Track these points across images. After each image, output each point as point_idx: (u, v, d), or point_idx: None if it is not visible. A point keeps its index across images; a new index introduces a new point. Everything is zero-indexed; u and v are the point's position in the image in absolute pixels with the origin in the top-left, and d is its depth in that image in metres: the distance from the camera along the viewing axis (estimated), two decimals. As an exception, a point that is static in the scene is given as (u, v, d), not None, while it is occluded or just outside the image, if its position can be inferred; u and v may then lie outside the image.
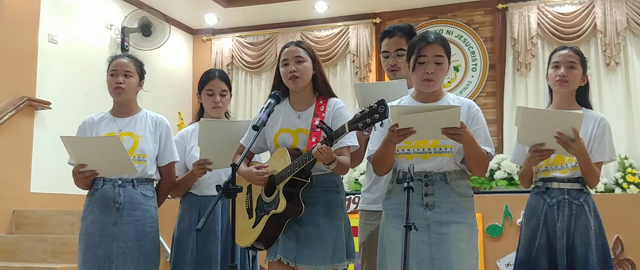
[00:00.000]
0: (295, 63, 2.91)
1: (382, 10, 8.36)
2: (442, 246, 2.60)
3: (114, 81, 3.26)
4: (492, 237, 4.49)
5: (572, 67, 3.00)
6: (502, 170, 7.24)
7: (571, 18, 7.59)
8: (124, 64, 3.29)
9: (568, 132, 2.73)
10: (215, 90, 3.45)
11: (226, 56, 9.04)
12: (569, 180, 2.92)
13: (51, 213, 5.83)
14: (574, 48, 3.11)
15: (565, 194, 2.91)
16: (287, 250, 2.82)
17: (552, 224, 2.90)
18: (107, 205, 3.16)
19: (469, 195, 2.75)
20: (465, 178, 2.75)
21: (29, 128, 6.17)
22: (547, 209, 2.92)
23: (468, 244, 2.64)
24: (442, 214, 2.65)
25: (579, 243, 2.85)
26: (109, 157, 3.05)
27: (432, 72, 2.70)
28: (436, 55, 2.70)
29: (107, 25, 7.51)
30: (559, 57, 3.04)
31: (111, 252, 3.12)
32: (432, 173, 2.69)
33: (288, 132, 2.93)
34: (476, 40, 8.07)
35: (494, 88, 7.95)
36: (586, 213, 2.88)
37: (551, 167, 2.96)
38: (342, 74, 8.50)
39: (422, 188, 2.68)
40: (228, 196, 2.62)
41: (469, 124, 2.72)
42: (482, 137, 2.73)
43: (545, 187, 2.96)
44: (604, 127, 2.97)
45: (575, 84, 3.02)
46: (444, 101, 2.79)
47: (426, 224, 2.65)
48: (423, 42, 2.72)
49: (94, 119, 3.34)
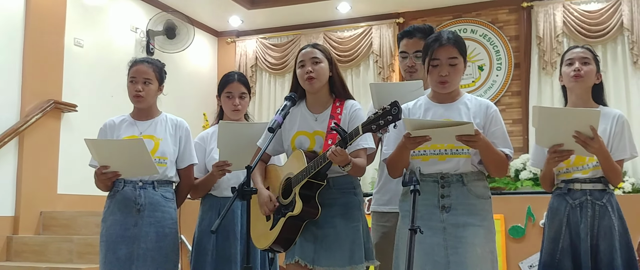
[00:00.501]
0: (312, 64, 2.92)
1: (405, 10, 8.33)
2: (458, 249, 2.58)
3: (133, 89, 3.30)
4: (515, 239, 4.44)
5: (586, 63, 2.96)
6: (527, 170, 7.17)
7: (597, 16, 7.48)
8: (143, 71, 3.31)
9: (586, 131, 2.68)
10: (234, 92, 3.48)
11: (250, 58, 9.09)
12: (591, 181, 2.87)
13: (77, 214, 5.92)
14: (587, 46, 3.08)
15: (588, 195, 2.85)
16: (304, 253, 2.83)
17: (575, 226, 2.84)
18: (127, 206, 3.20)
19: (487, 197, 2.72)
20: (482, 179, 2.72)
21: (56, 130, 6.27)
22: (569, 210, 2.87)
23: (484, 248, 2.61)
24: (459, 217, 2.63)
25: (603, 244, 2.80)
26: (132, 159, 3.10)
27: (446, 74, 2.69)
28: (450, 57, 2.69)
29: (132, 28, 7.60)
30: (573, 54, 3.01)
31: (132, 253, 3.16)
32: (449, 174, 2.67)
33: (305, 135, 2.94)
34: (501, 39, 7.99)
35: (519, 87, 7.87)
36: (609, 213, 2.82)
37: (572, 168, 2.91)
38: (365, 75, 8.48)
39: (438, 190, 2.66)
40: (243, 198, 2.63)
41: (487, 125, 2.70)
42: (500, 138, 2.70)
43: (567, 188, 2.90)
44: (623, 123, 2.91)
45: (591, 80, 2.98)
46: (461, 102, 2.77)
47: (442, 227, 2.63)
48: (436, 44, 2.70)
49: (114, 121, 3.38)
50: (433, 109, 2.77)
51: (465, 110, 2.73)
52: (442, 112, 2.74)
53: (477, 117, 2.71)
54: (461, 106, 2.75)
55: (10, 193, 5.83)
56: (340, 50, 8.55)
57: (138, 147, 3.06)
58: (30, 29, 6.06)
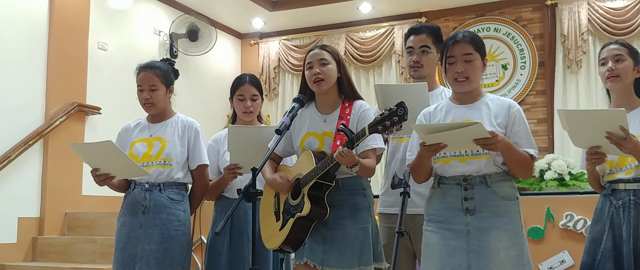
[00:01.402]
0: (320, 66, 2.92)
1: (427, 10, 8.29)
2: (480, 254, 2.53)
3: (141, 97, 3.34)
4: (534, 240, 4.39)
5: (619, 60, 2.88)
6: (552, 170, 7.05)
7: (623, 13, 7.35)
8: (147, 79, 3.33)
9: (617, 131, 2.58)
10: (246, 95, 3.50)
11: (273, 59, 9.13)
12: (635, 180, 2.77)
13: (101, 215, 6.01)
14: (621, 41, 2.99)
15: (632, 195, 2.75)
16: (313, 253, 2.84)
17: (618, 227, 2.76)
18: (135, 208, 3.25)
19: (514, 197, 2.64)
20: (508, 179, 2.65)
21: (80, 132, 6.38)
22: (613, 211, 2.79)
23: (508, 252, 2.54)
24: (483, 220, 2.56)
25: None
26: (114, 160, 3.11)
27: (462, 70, 2.65)
28: (465, 54, 2.65)
29: (156, 31, 7.69)
30: (606, 53, 2.93)
31: (136, 254, 3.19)
32: (472, 176, 2.61)
33: (314, 136, 2.95)
34: (525, 38, 7.90)
35: (544, 86, 7.77)
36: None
37: (615, 170, 2.83)
38: (387, 75, 8.46)
39: (462, 192, 2.61)
40: (248, 200, 2.65)
41: (510, 124, 2.64)
42: (524, 138, 2.63)
43: (611, 189, 2.83)
44: None
45: (628, 77, 2.89)
46: (483, 102, 2.72)
47: (466, 230, 2.58)
48: (451, 42, 2.68)
49: (130, 125, 3.44)
50: (454, 110, 2.74)
51: (486, 111, 2.68)
52: (463, 113, 2.70)
53: (499, 116, 2.66)
54: (482, 106, 2.70)
55: (36, 195, 5.94)
56: (362, 51, 8.54)
57: (111, 148, 3.06)
58: (54, 32, 6.18)
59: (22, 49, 5.93)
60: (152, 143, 3.28)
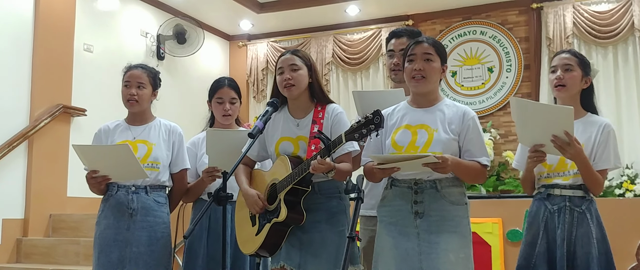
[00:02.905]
0: (290, 71, 2.93)
1: (414, 12, 8.32)
2: (430, 255, 2.58)
3: (127, 93, 3.36)
4: (513, 242, 4.42)
5: (568, 70, 2.93)
6: (536, 173, 7.11)
7: (608, 16, 7.41)
8: (137, 76, 3.37)
9: (562, 128, 2.67)
10: (225, 98, 3.51)
11: (261, 61, 9.15)
12: (571, 187, 2.85)
13: (86, 217, 6.00)
14: (573, 50, 3.05)
15: (567, 201, 2.84)
16: (290, 257, 2.86)
17: (552, 231, 2.84)
18: (120, 210, 3.26)
19: (462, 202, 2.71)
20: (458, 185, 2.71)
21: (65, 134, 6.38)
22: (548, 215, 2.86)
23: (457, 254, 2.60)
24: (432, 223, 2.63)
25: (580, 251, 2.79)
26: (120, 164, 3.15)
27: (420, 68, 2.70)
28: (425, 53, 2.71)
29: (142, 33, 7.70)
30: (557, 61, 2.98)
31: (124, 256, 3.22)
32: (422, 180, 2.67)
33: (288, 140, 2.96)
34: (510, 41, 7.95)
35: (529, 89, 7.82)
36: (588, 221, 2.81)
37: (553, 174, 2.90)
38: (374, 77, 8.49)
39: (412, 196, 2.67)
40: (219, 203, 2.67)
41: (464, 132, 2.70)
42: (477, 146, 2.70)
43: (547, 193, 2.90)
44: (609, 133, 2.88)
45: (574, 87, 2.94)
46: (439, 107, 2.77)
47: (416, 233, 2.64)
48: (412, 43, 2.77)
49: (109, 126, 3.44)
50: (411, 113, 2.78)
51: (441, 116, 2.73)
52: (419, 116, 2.75)
53: (453, 123, 2.71)
54: (438, 111, 2.75)
55: (20, 196, 5.94)
56: (349, 53, 8.57)
57: (124, 152, 3.11)
58: (40, 34, 6.18)
59: (6, 50, 5.93)
60: (137, 145, 3.30)
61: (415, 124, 2.73)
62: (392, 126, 2.79)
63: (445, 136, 2.67)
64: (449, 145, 2.66)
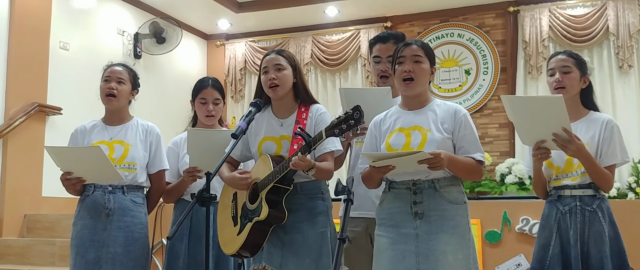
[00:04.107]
0: (275, 71, 2.93)
1: (393, 14, 8.36)
2: (429, 257, 2.58)
3: (106, 87, 3.32)
4: (491, 243, 4.46)
5: (567, 72, 2.94)
6: (512, 174, 7.19)
7: (583, 20, 7.52)
8: (118, 72, 3.35)
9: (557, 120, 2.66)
10: (208, 98, 3.49)
11: (239, 61, 9.12)
12: (581, 187, 2.84)
13: (61, 217, 5.93)
14: (569, 51, 3.05)
15: (577, 201, 2.83)
16: (272, 258, 2.85)
17: (565, 232, 2.83)
18: (97, 211, 3.22)
19: (461, 202, 2.71)
20: (457, 184, 2.71)
21: (41, 133, 6.29)
22: (560, 217, 2.85)
23: (456, 255, 2.59)
24: (431, 223, 2.62)
25: (593, 250, 2.77)
26: (94, 165, 3.11)
27: (410, 70, 2.71)
28: (414, 55, 2.72)
29: (119, 31, 7.63)
30: (554, 64, 2.99)
31: (100, 257, 3.18)
32: (420, 180, 2.67)
33: (271, 140, 2.96)
34: (487, 44, 8.02)
35: (506, 91, 7.88)
36: (600, 219, 2.79)
37: (561, 176, 2.90)
38: (353, 78, 8.51)
39: (411, 196, 2.67)
40: (202, 204, 2.66)
41: (456, 129, 2.71)
42: (471, 142, 2.71)
43: (557, 195, 2.89)
44: (612, 128, 2.87)
45: (574, 88, 2.96)
46: (430, 108, 2.78)
47: (415, 233, 2.63)
48: (402, 45, 2.78)
49: (86, 126, 3.40)
50: (403, 116, 2.79)
51: (433, 116, 2.75)
52: (411, 118, 2.76)
53: (446, 122, 2.72)
54: (429, 112, 2.77)
55: (-6, 196, 5.85)
56: (328, 54, 8.58)
57: (97, 154, 3.08)
58: (15, 32, 6.09)
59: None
60: (113, 146, 3.26)
61: (408, 126, 2.74)
62: (386, 130, 2.79)
63: (438, 135, 2.68)
64: (443, 144, 2.66)
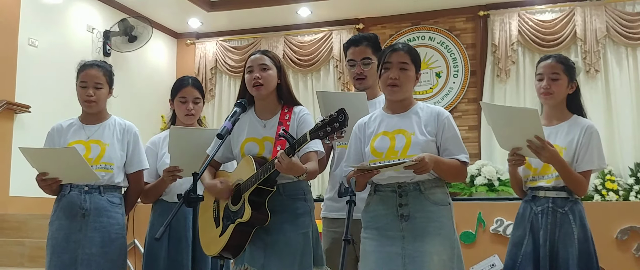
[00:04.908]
0: (260, 71, 2.93)
1: (365, 16, 8.41)
2: (415, 259, 2.59)
3: (84, 93, 3.26)
4: (466, 244, 4.52)
5: (555, 79, 2.97)
6: (482, 176, 7.29)
7: (551, 25, 7.67)
8: (94, 75, 3.26)
9: (531, 130, 2.73)
10: (188, 97, 3.46)
11: (210, 60, 9.06)
12: (555, 189, 2.91)
13: (30, 217, 5.83)
14: (558, 57, 3.06)
15: (550, 202, 2.89)
16: (254, 259, 2.84)
17: (537, 232, 2.90)
18: (73, 211, 3.17)
19: (446, 203, 2.73)
20: (441, 186, 2.74)
21: (8, 131, 6.17)
22: (533, 216, 2.92)
23: (441, 256, 2.62)
24: (417, 225, 2.64)
25: (561, 251, 2.84)
26: (69, 166, 3.06)
27: (396, 77, 2.73)
28: (400, 62, 2.74)
29: (89, 28, 7.52)
30: (542, 69, 3.02)
31: (76, 258, 3.12)
32: (406, 183, 2.69)
33: (254, 141, 2.95)
34: (458, 47, 8.12)
35: (475, 94, 8.01)
36: (570, 221, 2.86)
37: (538, 177, 2.96)
38: (325, 79, 8.53)
39: (397, 199, 2.69)
40: (189, 205, 2.63)
41: (440, 132, 2.73)
42: (454, 144, 2.73)
43: (532, 195, 2.96)
44: (591, 134, 2.92)
45: (561, 94, 2.99)
46: (414, 111, 2.80)
47: (401, 236, 2.64)
48: (389, 50, 2.78)
49: (62, 125, 3.34)
50: (387, 119, 2.81)
51: (417, 119, 2.77)
52: (395, 122, 2.78)
53: (429, 125, 2.74)
54: (413, 115, 2.79)
55: (-40, 195, 5.72)
56: (300, 55, 8.58)
57: (72, 155, 3.03)
58: (-18, 28, 5.96)
59: (-53, 44, 5.71)
60: (90, 146, 3.21)
61: (392, 130, 2.76)
62: (371, 134, 2.80)
63: (422, 138, 2.70)
64: (427, 147, 2.68)
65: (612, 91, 7.44)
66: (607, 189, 7.02)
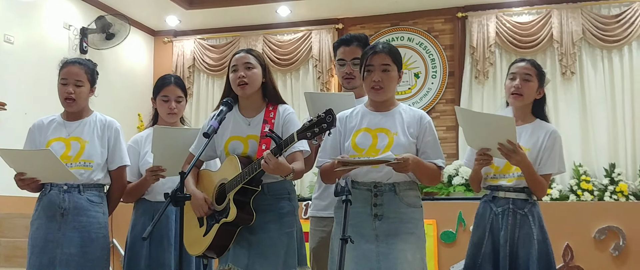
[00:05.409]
0: (245, 69, 2.92)
1: (344, 16, 8.42)
2: (389, 256, 2.64)
3: (64, 91, 3.21)
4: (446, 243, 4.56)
5: (527, 80, 3.02)
6: (459, 176, 7.34)
7: (529, 27, 7.75)
8: (75, 73, 3.22)
9: (505, 136, 2.79)
10: (171, 96, 3.44)
11: (188, 58, 8.99)
12: (515, 190, 2.98)
13: (5, 216, 5.74)
14: (532, 61, 3.14)
15: (511, 204, 2.97)
16: (238, 259, 2.83)
17: (496, 232, 2.97)
18: (52, 210, 3.13)
19: (418, 205, 2.80)
20: (414, 188, 2.80)
21: (-17, 129, 6.06)
22: (493, 217, 2.99)
23: (415, 255, 2.68)
24: (390, 225, 2.69)
25: (521, 251, 2.92)
26: (46, 167, 3.04)
27: (379, 80, 2.76)
28: (382, 64, 2.76)
29: (66, 25, 7.42)
30: (516, 69, 3.07)
31: (55, 258, 3.08)
32: (381, 183, 2.73)
33: (238, 140, 2.94)
34: (436, 48, 8.17)
35: (453, 95, 8.06)
36: (530, 223, 2.94)
37: (499, 175, 3.03)
38: (304, 79, 8.52)
39: (371, 198, 2.72)
40: (176, 204, 2.61)
41: (421, 135, 2.78)
42: (433, 149, 2.78)
43: (492, 195, 3.02)
44: (555, 139, 3.00)
45: (530, 97, 3.05)
46: (397, 111, 2.83)
47: (375, 234, 2.68)
48: (370, 51, 2.80)
49: (43, 122, 3.29)
50: (369, 116, 2.83)
51: (400, 119, 2.80)
52: (378, 119, 2.81)
53: (412, 127, 2.78)
54: (397, 115, 2.82)
55: None
56: (279, 54, 8.56)
57: (48, 156, 3.01)
58: (-44, 24, 5.85)
59: None
60: (70, 143, 3.17)
61: (374, 128, 2.79)
62: (352, 129, 2.82)
63: (404, 139, 2.74)
64: (408, 148, 2.73)
65: (587, 93, 7.55)
66: (583, 189, 7.13)
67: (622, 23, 7.45)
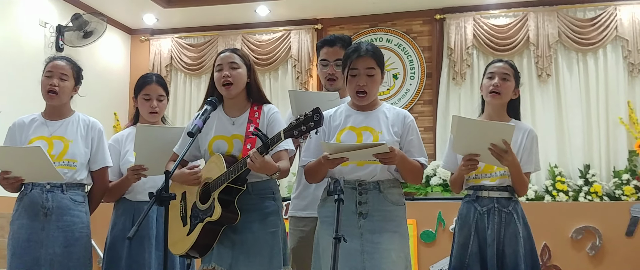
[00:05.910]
0: (230, 69, 2.91)
1: (323, 17, 8.41)
2: (374, 255, 2.65)
3: (47, 83, 3.19)
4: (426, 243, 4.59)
5: (505, 80, 3.08)
6: (437, 176, 7.38)
7: (506, 30, 7.82)
8: (60, 67, 3.22)
9: (500, 143, 2.83)
10: (152, 95, 3.42)
11: (165, 57, 8.91)
12: (498, 189, 3.02)
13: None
14: (510, 61, 3.21)
15: (495, 203, 3.01)
16: (222, 258, 2.82)
17: (482, 232, 3.00)
18: (34, 210, 3.09)
19: (402, 203, 2.83)
20: (398, 186, 2.82)
21: (-44, 127, 5.94)
22: (478, 217, 3.02)
23: (399, 253, 2.71)
24: (375, 223, 2.71)
25: (508, 250, 2.95)
26: (33, 165, 3.00)
27: (364, 84, 2.77)
28: (367, 68, 2.77)
29: (42, 23, 7.30)
30: (494, 69, 3.13)
31: (39, 258, 3.05)
32: (366, 182, 2.74)
33: (222, 139, 2.92)
34: (414, 49, 8.20)
35: (431, 96, 8.10)
36: (515, 220, 2.98)
37: (481, 175, 3.06)
38: (283, 79, 8.49)
39: (356, 197, 2.73)
40: (161, 204, 2.59)
41: (405, 134, 2.80)
42: (416, 147, 2.81)
43: (475, 195, 3.05)
44: (533, 138, 3.09)
45: (508, 96, 3.11)
46: (380, 111, 2.85)
47: (359, 233, 2.70)
48: (355, 55, 2.79)
49: (24, 121, 3.25)
50: (354, 115, 2.85)
51: (384, 119, 2.82)
52: (362, 119, 2.82)
53: (396, 126, 2.81)
54: (380, 114, 2.84)
55: None
56: (258, 54, 8.53)
57: (38, 154, 2.97)
58: None
59: None
60: (53, 142, 3.14)
61: (359, 126, 2.80)
62: (336, 127, 2.83)
63: (389, 138, 2.76)
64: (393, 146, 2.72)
65: (562, 95, 7.63)
66: (558, 189, 7.21)
67: (597, 26, 7.54)
